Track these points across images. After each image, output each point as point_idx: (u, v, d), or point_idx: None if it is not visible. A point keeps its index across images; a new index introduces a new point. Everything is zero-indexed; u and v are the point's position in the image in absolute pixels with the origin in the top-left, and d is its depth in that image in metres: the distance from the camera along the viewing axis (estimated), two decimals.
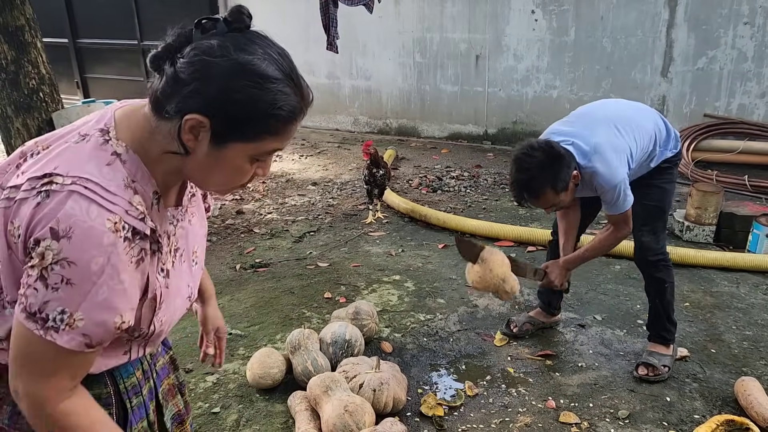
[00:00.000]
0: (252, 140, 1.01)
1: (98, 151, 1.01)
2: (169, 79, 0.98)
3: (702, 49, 5.84)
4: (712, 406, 2.45)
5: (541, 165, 2.26)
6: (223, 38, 0.99)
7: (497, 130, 7.14)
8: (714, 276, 3.62)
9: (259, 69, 0.97)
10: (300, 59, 6.04)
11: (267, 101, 0.98)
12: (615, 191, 2.37)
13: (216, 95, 0.96)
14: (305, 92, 1.04)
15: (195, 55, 0.97)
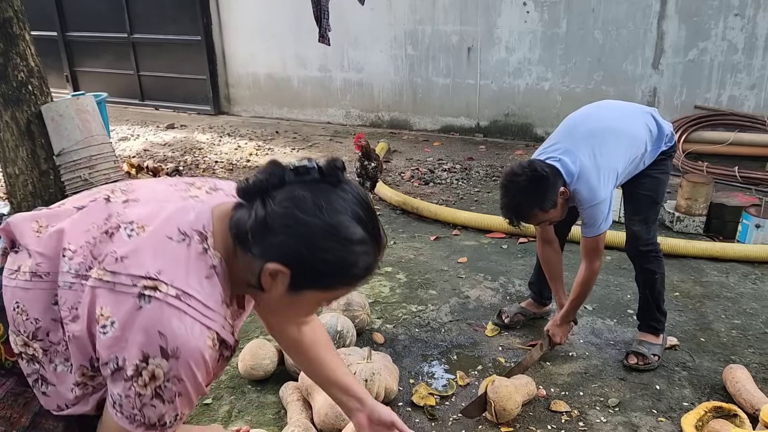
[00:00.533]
0: (328, 290, 1.10)
1: (199, 262, 1.05)
2: (259, 221, 1.03)
3: (693, 41, 5.86)
4: (700, 394, 2.47)
5: (526, 189, 2.31)
6: (315, 190, 1.03)
7: (489, 123, 7.14)
8: (704, 266, 3.64)
9: (347, 232, 1.03)
10: (291, 52, 6.06)
11: (350, 262, 1.05)
12: (595, 210, 2.38)
13: (303, 252, 1.02)
14: (382, 244, 1.11)
15: (288, 207, 1.02)
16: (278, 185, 1.04)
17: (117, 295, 0.99)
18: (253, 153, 6.64)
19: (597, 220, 2.40)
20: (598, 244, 2.47)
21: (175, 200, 1.12)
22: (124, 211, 1.09)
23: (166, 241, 1.04)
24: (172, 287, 0.99)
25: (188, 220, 1.07)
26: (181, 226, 1.06)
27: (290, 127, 7.88)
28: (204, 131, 7.74)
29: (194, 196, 1.14)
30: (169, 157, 6.50)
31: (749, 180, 5.19)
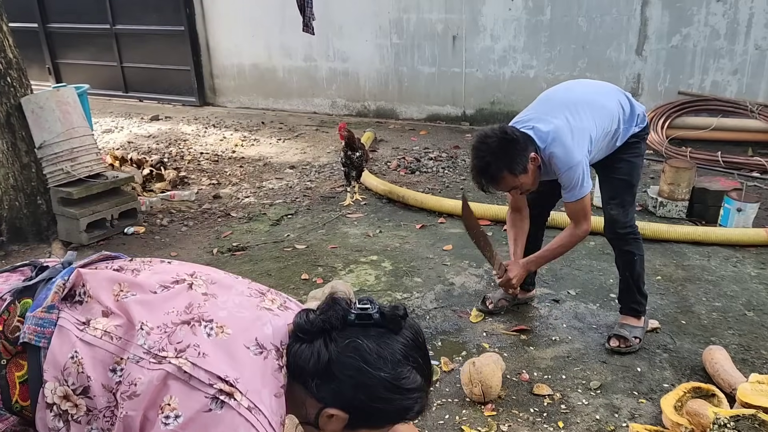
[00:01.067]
0: (382, 428, 1.13)
1: (273, 378, 1.06)
2: (322, 364, 1.05)
3: (676, 27, 5.88)
4: (681, 375, 2.50)
5: (495, 150, 2.32)
6: (378, 339, 1.06)
7: (475, 111, 7.15)
8: (686, 250, 3.68)
9: (408, 384, 1.07)
10: (276, 42, 6.03)
11: (408, 407, 1.10)
12: (571, 173, 2.38)
13: (364, 401, 1.05)
14: (432, 380, 1.17)
15: (353, 357, 1.05)
16: (340, 327, 1.07)
17: (191, 391, 0.98)
18: (239, 144, 6.61)
19: (576, 182, 2.39)
20: (584, 207, 2.47)
21: (250, 308, 1.13)
22: (204, 305, 1.09)
23: (244, 350, 1.04)
24: (246, 398, 0.99)
25: (266, 334, 1.08)
26: (259, 338, 1.07)
27: (276, 118, 7.85)
28: (189, 122, 7.69)
29: (269, 309, 1.15)
30: (153, 149, 6.46)
31: (732, 165, 5.24)
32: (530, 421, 2.27)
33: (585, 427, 2.22)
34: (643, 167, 2.76)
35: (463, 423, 2.28)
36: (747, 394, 2.09)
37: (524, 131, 2.41)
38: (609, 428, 2.21)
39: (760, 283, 3.25)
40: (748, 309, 3.00)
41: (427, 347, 1.17)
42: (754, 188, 4.66)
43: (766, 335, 2.76)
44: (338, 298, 1.12)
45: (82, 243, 4.05)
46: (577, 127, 2.39)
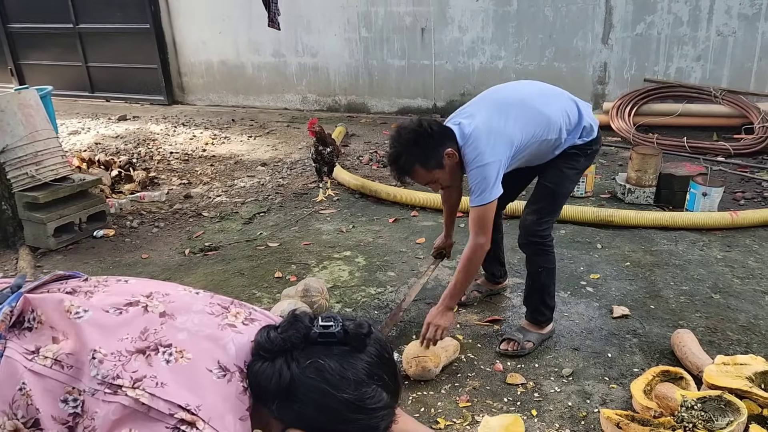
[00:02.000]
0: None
1: (238, 401, 1.03)
2: (283, 385, 1.03)
3: (640, 15, 5.96)
4: (650, 359, 2.55)
5: (407, 142, 2.31)
6: (341, 358, 1.04)
7: (446, 103, 7.17)
8: (654, 235, 3.74)
9: (372, 403, 1.05)
10: (244, 38, 5.96)
11: (372, 426, 1.07)
12: (477, 173, 2.30)
13: (327, 423, 1.04)
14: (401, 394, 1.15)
15: (314, 378, 1.02)
16: (301, 346, 1.04)
17: (150, 422, 0.96)
18: (209, 142, 6.54)
19: (481, 185, 2.30)
20: (484, 215, 2.34)
21: (212, 327, 1.10)
22: (161, 328, 1.06)
23: (206, 374, 1.02)
24: (209, 426, 0.97)
25: (229, 355, 1.06)
26: (221, 360, 1.04)
27: (246, 115, 7.78)
28: (158, 122, 7.58)
29: (231, 325, 1.12)
30: (121, 149, 6.36)
31: (697, 150, 5.34)
32: (504, 410, 2.29)
33: (558, 414, 2.26)
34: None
35: (438, 415, 2.29)
36: (713, 375, 2.14)
37: (447, 125, 2.39)
38: (581, 414, 2.25)
39: (725, 265, 3.33)
40: (714, 292, 3.06)
41: (395, 362, 1.15)
42: (719, 172, 4.76)
43: (731, 317, 2.83)
44: (300, 314, 1.10)
45: (50, 248, 3.98)
46: (496, 129, 2.32)
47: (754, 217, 3.76)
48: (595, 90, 6.35)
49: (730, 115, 5.65)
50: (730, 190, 4.37)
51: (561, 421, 2.22)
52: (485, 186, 2.30)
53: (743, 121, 5.53)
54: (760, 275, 3.20)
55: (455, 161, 2.36)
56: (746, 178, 4.71)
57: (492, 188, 2.31)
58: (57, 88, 7.57)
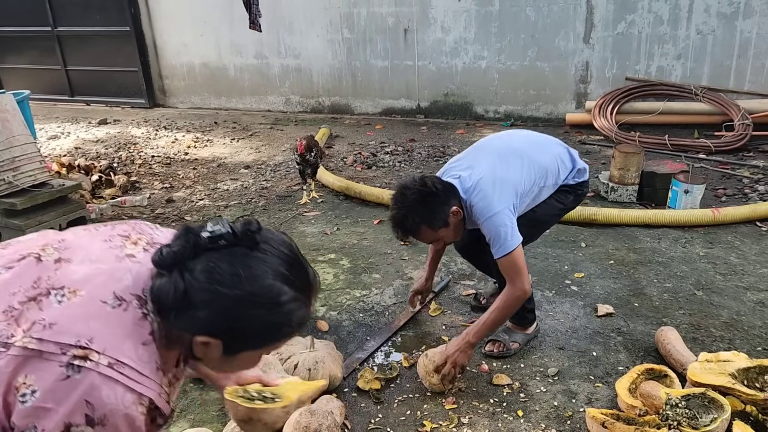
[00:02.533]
0: (265, 347, 1.11)
1: (137, 328, 1.02)
2: (179, 294, 1.01)
3: (621, 14, 6.00)
4: (635, 357, 2.56)
5: (413, 203, 2.24)
6: (232, 258, 1.01)
7: (430, 103, 7.17)
8: (637, 233, 3.76)
9: (270, 295, 1.02)
10: (225, 40, 5.91)
11: (278, 322, 1.06)
12: (491, 223, 2.26)
13: (228, 324, 1.02)
14: (314, 290, 1.11)
15: (206, 281, 1.00)
16: (194, 255, 1.02)
17: (43, 363, 0.95)
18: (191, 145, 6.48)
19: (499, 235, 2.25)
20: (515, 262, 2.28)
21: (110, 261, 1.08)
22: (55, 274, 1.04)
23: (100, 307, 1.00)
24: (104, 356, 0.96)
25: (125, 285, 1.04)
26: (117, 291, 1.03)
27: (229, 117, 7.73)
28: (139, 125, 7.50)
29: (130, 255, 1.10)
30: (102, 153, 6.28)
31: (679, 147, 5.38)
32: (490, 411, 2.29)
33: (544, 415, 2.25)
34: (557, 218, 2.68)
35: (424, 418, 2.28)
36: (697, 373, 2.15)
37: (448, 181, 2.33)
38: (567, 414, 2.25)
39: (708, 262, 3.35)
40: (697, 288, 3.08)
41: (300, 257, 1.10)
42: (701, 170, 4.80)
43: (714, 313, 2.85)
44: (190, 226, 1.07)
45: None
46: (501, 178, 2.31)
47: (736, 214, 3.79)
48: (578, 89, 6.38)
49: (710, 112, 5.71)
50: (711, 187, 4.41)
51: (547, 421, 2.22)
52: (504, 235, 2.25)
53: (724, 118, 5.59)
54: (742, 271, 3.23)
55: (460, 218, 2.33)
56: (727, 175, 4.76)
57: (511, 235, 2.26)
58: (35, 92, 7.47)
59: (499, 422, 2.23)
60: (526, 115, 6.71)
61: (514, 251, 2.26)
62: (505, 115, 6.82)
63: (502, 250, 2.26)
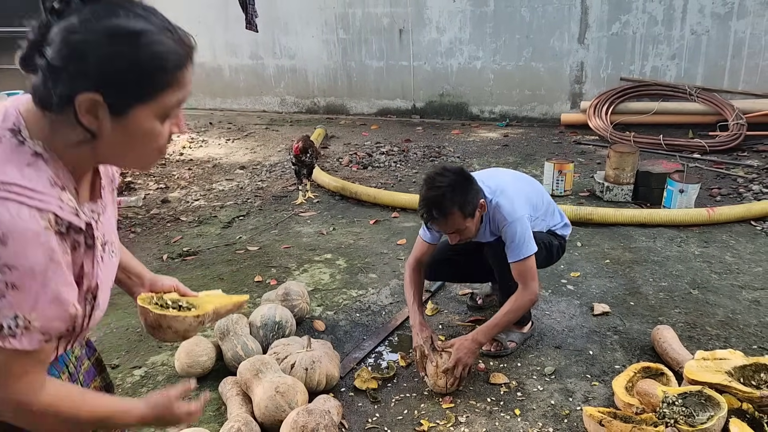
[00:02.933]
0: (151, 99, 1.00)
1: (15, 154, 0.98)
2: (45, 71, 0.96)
3: (615, 15, 6.02)
4: (631, 356, 2.56)
5: (452, 184, 2.27)
6: (81, 13, 0.95)
7: (425, 104, 7.17)
8: (633, 233, 3.77)
9: (127, 29, 0.96)
10: (220, 40, 5.93)
11: (147, 57, 0.97)
12: (515, 227, 2.35)
13: (95, 69, 0.95)
14: (183, 38, 1.03)
15: (60, 40, 0.95)
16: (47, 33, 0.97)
17: None
18: (186, 146, 6.47)
19: (521, 238, 2.34)
20: (531, 266, 2.38)
21: None
22: None
23: None
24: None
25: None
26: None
27: (224, 118, 7.72)
28: None
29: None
30: None
31: (673, 147, 5.40)
32: (487, 410, 2.29)
33: (541, 413, 2.26)
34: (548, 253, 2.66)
35: (422, 417, 2.28)
36: (693, 371, 2.16)
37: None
38: (564, 412, 2.25)
39: (703, 261, 3.36)
40: (692, 287, 3.09)
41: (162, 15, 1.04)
42: (695, 169, 4.82)
43: (710, 312, 2.86)
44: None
45: None
46: (521, 189, 2.48)
47: (731, 213, 3.81)
48: (573, 89, 6.40)
49: (705, 112, 5.73)
50: (706, 187, 4.43)
51: (544, 419, 2.22)
52: (525, 238, 2.36)
53: (718, 118, 5.61)
54: (737, 270, 3.24)
55: (482, 213, 2.39)
56: (722, 175, 4.78)
57: (530, 240, 2.37)
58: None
59: (497, 421, 2.23)
60: (522, 116, 6.72)
61: (531, 256, 2.37)
62: (501, 116, 6.83)
63: (521, 254, 2.36)
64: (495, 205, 2.39)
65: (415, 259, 2.66)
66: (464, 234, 2.38)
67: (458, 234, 2.37)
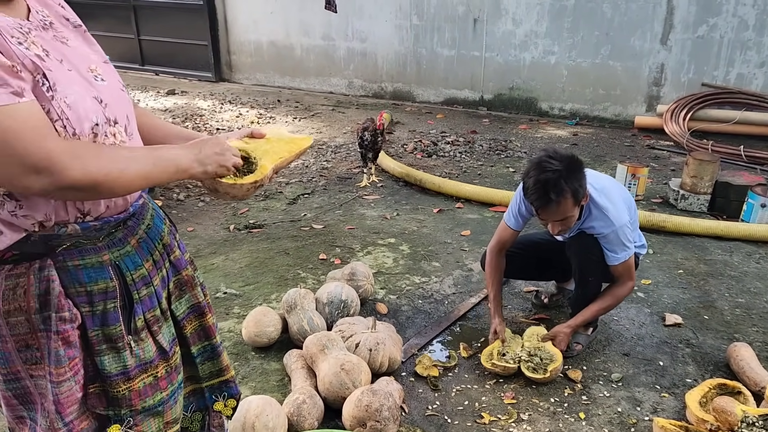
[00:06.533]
0: None
1: None
2: None
3: (703, 17, 5.77)
4: (704, 371, 2.47)
5: (567, 170, 2.18)
6: None
7: (493, 96, 7.07)
8: (708, 244, 3.63)
9: None
10: (295, 19, 6.00)
11: None
12: (618, 232, 2.34)
13: None
14: None
15: None
16: None
17: None
18: (255, 121, 6.57)
19: (623, 243, 2.37)
20: (631, 266, 2.45)
21: None
22: None
23: None
24: None
25: None
26: None
27: (292, 96, 7.80)
28: (205, 98, 7.65)
29: None
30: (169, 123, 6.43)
31: (754, 159, 5.16)
32: (551, 411, 2.25)
33: (606, 419, 2.20)
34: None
35: (482, 410, 2.26)
36: None
37: None
38: (631, 421, 2.19)
39: None
40: None
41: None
42: None
43: None
44: None
45: None
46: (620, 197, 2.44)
47: None
48: (650, 91, 6.18)
49: None
50: None
51: (610, 426, 2.17)
52: (627, 244, 2.38)
53: None
54: None
55: (584, 205, 2.34)
56: None
57: (629, 244, 2.40)
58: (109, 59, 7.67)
59: (560, 422, 2.19)
60: (593, 115, 6.55)
61: (630, 259, 2.43)
62: (571, 114, 6.67)
63: (624, 257, 2.40)
64: (599, 204, 2.35)
65: (498, 243, 2.64)
66: (566, 223, 2.30)
67: (562, 223, 2.29)
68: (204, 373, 1.45)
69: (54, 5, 1.21)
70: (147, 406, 1.24)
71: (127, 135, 1.19)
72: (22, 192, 1.02)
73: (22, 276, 1.09)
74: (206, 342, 1.43)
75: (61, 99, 1.05)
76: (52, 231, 1.09)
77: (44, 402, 1.14)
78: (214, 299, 3.01)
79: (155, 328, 1.26)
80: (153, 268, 1.27)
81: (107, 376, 1.17)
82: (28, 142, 0.95)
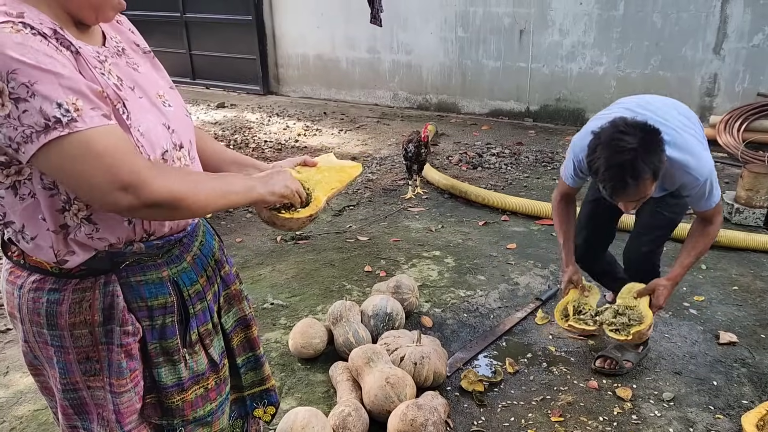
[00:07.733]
0: None
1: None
2: None
3: (759, 25, 5.60)
4: (761, 392, 2.39)
5: (643, 144, 1.89)
6: None
7: (539, 107, 7.01)
8: (764, 260, 3.51)
9: None
10: (341, 33, 6.08)
11: None
12: (707, 184, 2.13)
13: None
14: None
15: None
16: None
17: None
18: (302, 134, 6.68)
19: (711, 191, 2.17)
20: (720, 207, 2.26)
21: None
22: None
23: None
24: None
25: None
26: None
27: (338, 108, 7.90)
28: (253, 111, 7.82)
29: None
30: (219, 135, 6.60)
31: None
32: (599, 429, 2.21)
33: None
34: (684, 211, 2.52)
35: (528, 427, 2.24)
36: None
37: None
38: None
39: None
40: None
41: None
42: None
43: None
44: None
45: None
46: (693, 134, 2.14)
47: None
48: (702, 102, 6.03)
49: None
50: None
51: None
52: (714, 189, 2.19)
53: None
54: None
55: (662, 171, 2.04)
56: None
57: (717, 187, 2.21)
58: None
59: None
60: None
61: (720, 202, 2.24)
62: None
63: (710, 203, 2.21)
64: (677, 162, 2.06)
65: (561, 194, 2.52)
66: (643, 200, 2.08)
67: (639, 201, 2.08)
68: (246, 383, 1.50)
69: (125, 30, 1.29)
70: (198, 416, 1.29)
71: (190, 159, 1.25)
72: (108, 209, 1.06)
73: (88, 290, 1.15)
74: (250, 353, 1.48)
75: (136, 128, 1.11)
76: (119, 249, 1.14)
77: (103, 412, 1.19)
78: (261, 310, 3.08)
79: (207, 342, 1.31)
80: (206, 283, 1.32)
81: (163, 387, 1.22)
82: (119, 160, 1.00)
